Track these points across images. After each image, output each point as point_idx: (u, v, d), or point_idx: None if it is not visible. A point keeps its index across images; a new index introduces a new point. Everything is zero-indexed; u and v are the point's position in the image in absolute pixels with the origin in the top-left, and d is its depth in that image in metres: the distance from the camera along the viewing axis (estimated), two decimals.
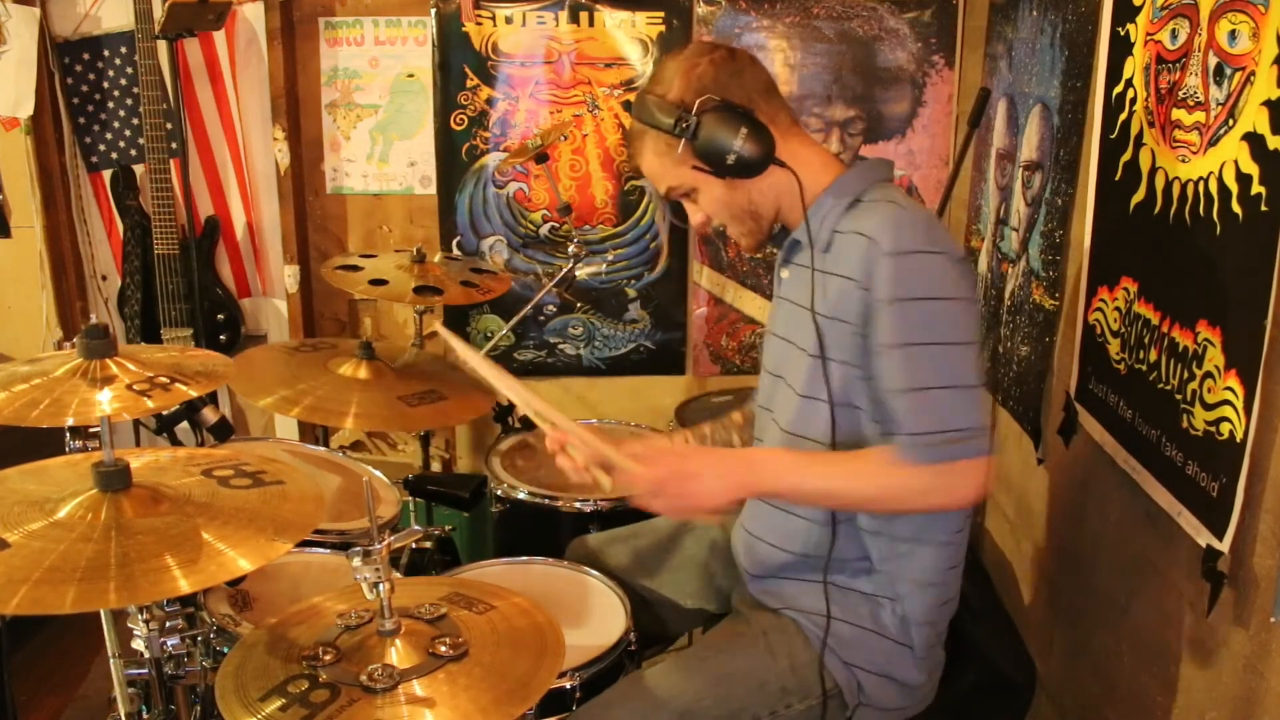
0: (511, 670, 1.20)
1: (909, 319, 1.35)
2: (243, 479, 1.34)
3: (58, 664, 2.52)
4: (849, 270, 1.40)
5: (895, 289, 1.34)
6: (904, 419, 1.35)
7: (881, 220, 1.39)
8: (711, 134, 1.41)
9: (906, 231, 1.37)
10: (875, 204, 1.44)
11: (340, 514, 2.07)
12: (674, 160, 1.47)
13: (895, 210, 1.40)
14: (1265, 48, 1.28)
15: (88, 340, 1.50)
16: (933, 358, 1.34)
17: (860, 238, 1.39)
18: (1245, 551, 1.34)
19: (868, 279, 1.37)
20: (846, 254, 1.42)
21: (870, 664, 1.50)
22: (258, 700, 1.14)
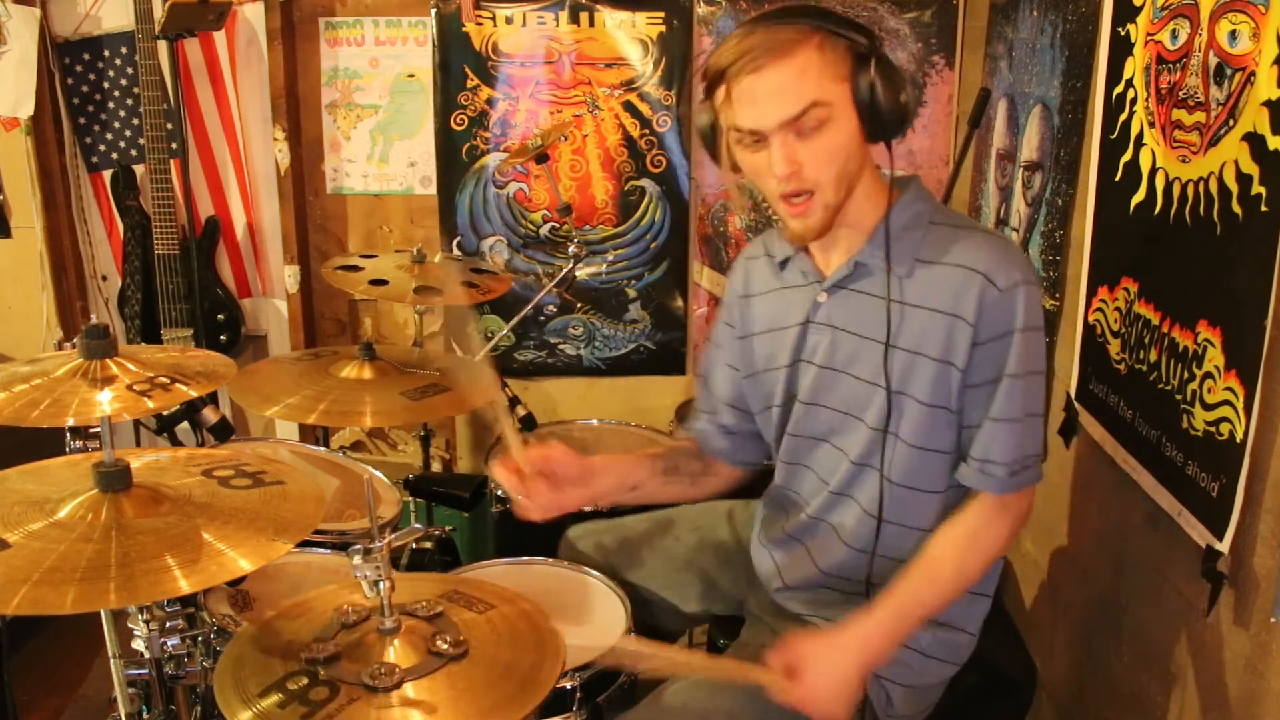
0: (511, 671, 1.20)
1: (1026, 349, 1.36)
2: (243, 479, 1.34)
3: (58, 664, 2.52)
4: (946, 305, 1.38)
5: (1015, 321, 1.35)
6: (993, 447, 1.39)
7: (989, 253, 1.37)
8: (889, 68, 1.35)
9: (1016, 265, 1.37)
10: (968, 233, 1.41)
11: (340, 514, 2.07)
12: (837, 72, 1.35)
13: (995, 241, 1.40)
14: (1265, 48, 1.28)
15: (88, 340, 1.50)
16: (1032, 387, 1.39)
17: (966, 272, 1.37)
18: (1245, 552, 1.34)
19: (975, 315, 1.35)
20: (944, 287, 1.38)
21: (902, 677, 1.49)
22: (257, 696, 1.14)
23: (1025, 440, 1.40)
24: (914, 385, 1.41)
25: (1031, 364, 1.38)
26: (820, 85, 1.34)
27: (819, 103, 1.34)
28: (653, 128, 2.86)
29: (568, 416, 2.82)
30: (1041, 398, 1.41)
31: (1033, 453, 1.41)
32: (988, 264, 1.36)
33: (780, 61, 1.34)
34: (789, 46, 1.34)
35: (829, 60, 1.35)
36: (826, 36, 1.35)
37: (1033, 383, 1.39)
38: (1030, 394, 1.39)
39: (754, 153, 1.39)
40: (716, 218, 2.94)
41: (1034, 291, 1.37)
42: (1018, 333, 1.36)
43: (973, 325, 1.36)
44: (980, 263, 1.36)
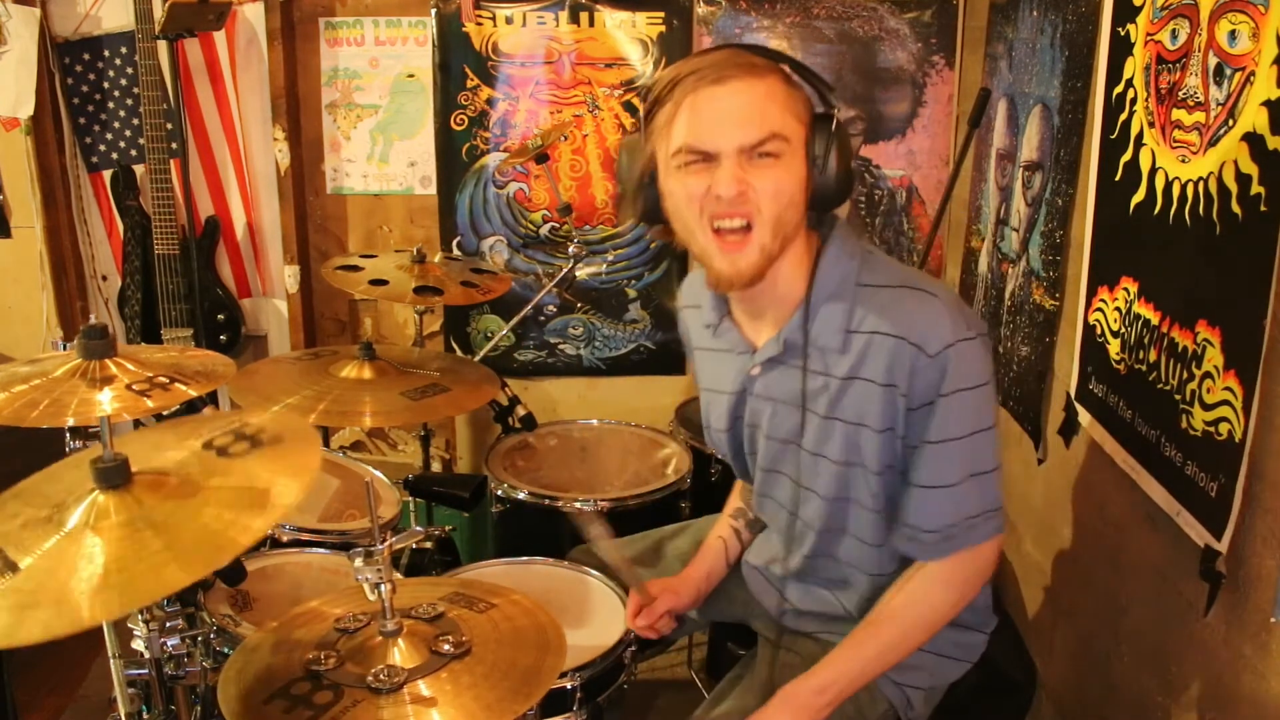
0: (514, 667, 1.20)
1: (951, 414, 1.31)
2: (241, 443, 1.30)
3: (58, 664, 2.52)
4: (879, 375, 1.32)
5: (941, 387, 1.30)
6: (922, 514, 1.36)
7: (915, 317, 1.30)
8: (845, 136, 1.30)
9: (945, 324, 1.29)
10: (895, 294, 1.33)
11: (340, 514, 2.07)
12: (797, 113, 1.28)
13: (922, 301, 1.31)
14: (1265, 48, 1.28)
15: (87, 340, 1.50)
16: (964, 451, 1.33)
17: (895, 341, 1.30)
18: (1244, 551, 1.34)
19: (910, 385, 1.30)
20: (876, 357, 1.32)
21: (921, 681, 1.51)
22: (262, 704, 1.14)
23: (964, 503, 1.34)
24: (865, 456, 1.36)
25: (968, 424, 1.32)
26: (784, 118, 1.26)
27: (779, 135, 1.26)
28: None
29: (568, 416, 2.82)
30: (987, 454, 1.35)
31: (975, 512, 1.36)
32: (919, 331, 1.29)
33: (748, 79, 1.25)
34: (757, 69, 1.27)
35: (793, 97, 1.29)
36: (788, 75, 1.30)
37: (973, 443, 1.33)
38: (967, 455, 1.33)
39: (691, 176, 1.28)
40: None
41: (967, 349, 1.30)
42: (943, 399, 1.30)
43: (906, 394, 1.31)
44: (911, 330, 1.29)
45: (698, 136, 1.26)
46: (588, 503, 2.12)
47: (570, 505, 2.13)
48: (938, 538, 1.36)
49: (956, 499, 1.35)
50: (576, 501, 2.13)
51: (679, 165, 1.28)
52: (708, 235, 1.30)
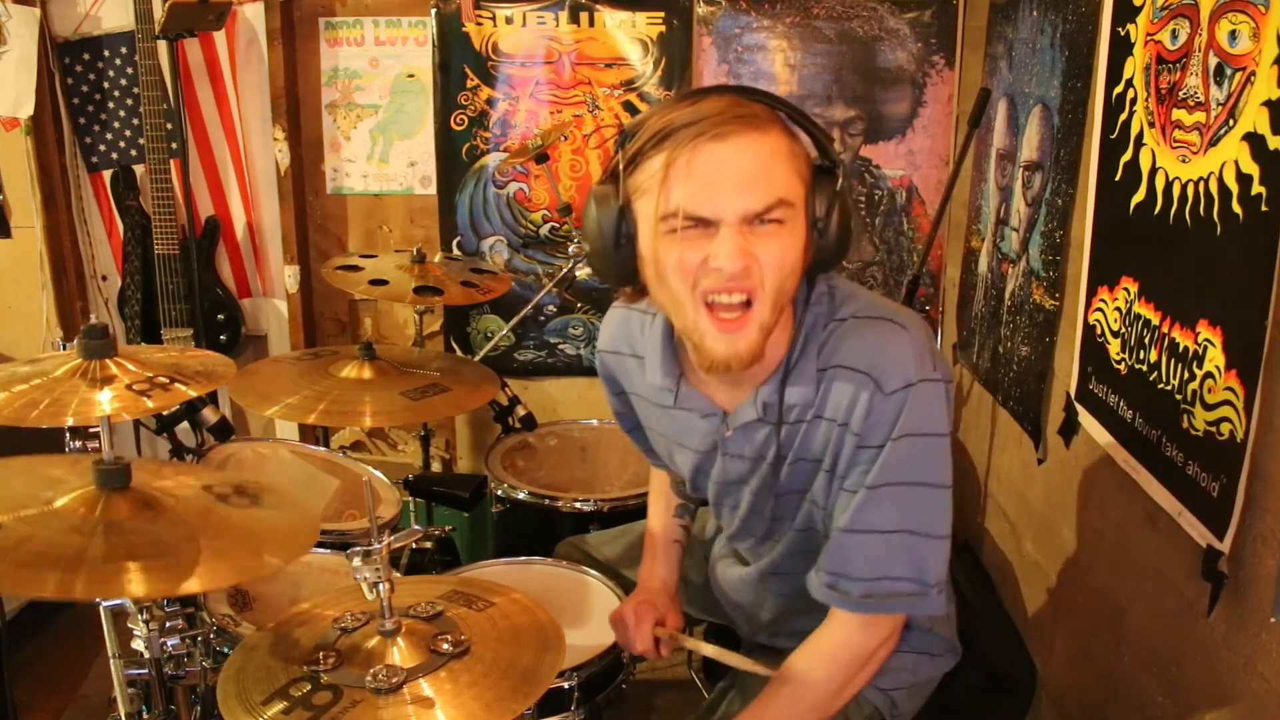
0: (514, 666, 1.20)
1: (896, 458, 1.20)
2: (242, 498, 1.33)
3: (58, 664, 2.52)
4: (836, 412, 1.23)
5: (894, 428, 1.20)
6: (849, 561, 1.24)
7: (878, 350, 1.21)
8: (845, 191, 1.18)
9: (909, 361, 1.20)
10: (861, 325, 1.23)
11: (340, 514, 2.07)
12: (800, 172, 1.16)
13: (890, 333, 1.22)
14: (1265, 48, 1.28)
15: (88, 340, 1.50)
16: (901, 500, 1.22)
17: (852, 374, 1.21)
18: (1245, 551, 1.34)
19: (864, 424, 1.21)
20: (834, 392, 1.23)
21: (902, 683, 1.49)
22: (260, 704, 1.14)
23: (893, 558, 1.23)
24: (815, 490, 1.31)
25: (912, 473, 1.21)
26: (789, 179, 1.14)
27: (785, 201, 1.13)
28: None
29: (567, 416, 2.82)
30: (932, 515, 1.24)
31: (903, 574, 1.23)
32: (879, 365, 1.20)
33: (752, 134, 1.11)
34: (759, 122, 1.13)
35: (795, 153, 1.16)
36: (789, 129, 1.16)
37: (913, 494, 1.22)
38: (905, 507, 1.22)
39: (687, 244, 1.13)
40: None
41: (928, 392, 1.20)
42: (892, 441, 1.20)
43: (858, 434, 1.22)
44: (871, 363, 1.20)
45: (695, 201, 1.11)
46: (587, 503, 2.12)
47: (570, 505, 2.13)
48: (861, 590, 1.24)
49: (885, 551, 1.23)
50: (576, 501, 2.13)
51: (669, 230, 1.14)
52: (700, 311, 1.17)
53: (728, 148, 1.11)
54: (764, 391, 1.27)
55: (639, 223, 1.18)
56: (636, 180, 1.16)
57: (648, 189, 1.15)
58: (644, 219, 1.17)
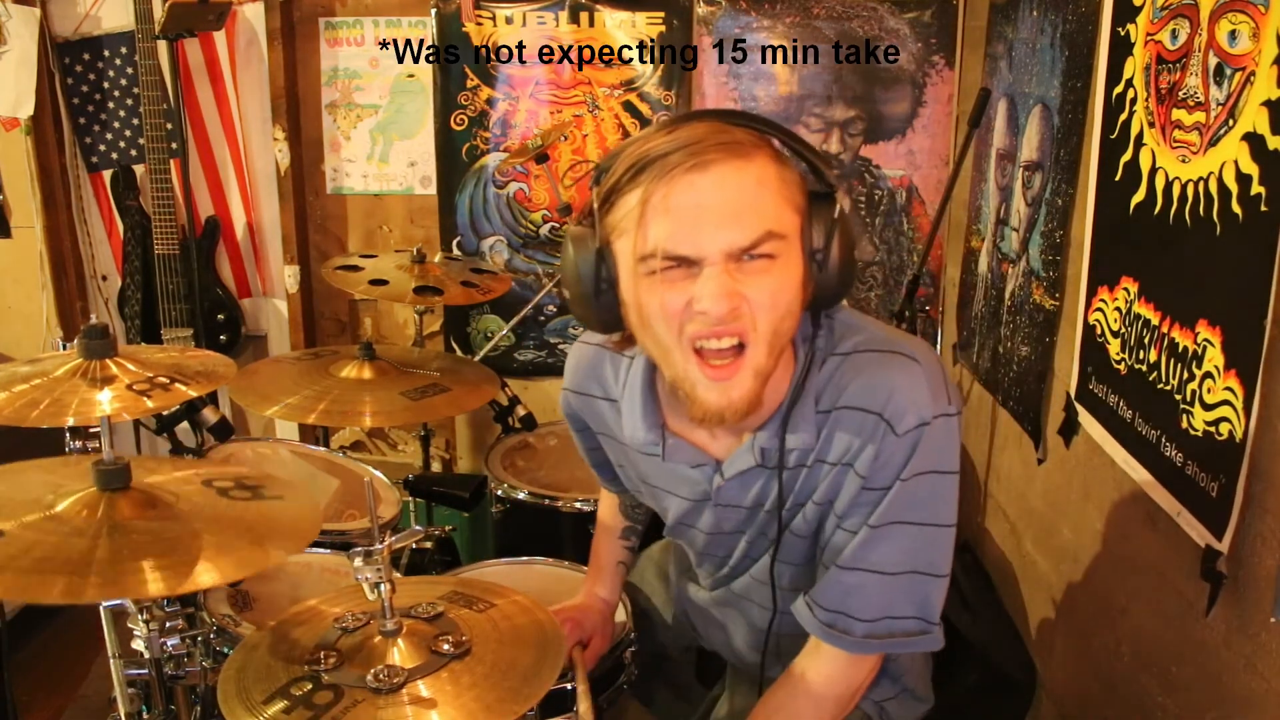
0: (514, 668, 1.20)
1: (906, 497, 1.14)
2: (243, 491, 1.33)
3: (58, 664, 2.52)
4: (839, 455, 1.16)
5: (906, 468, 1.13)
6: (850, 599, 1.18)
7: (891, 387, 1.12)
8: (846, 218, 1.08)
9: (924, 396, 1.12)
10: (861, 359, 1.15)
11: (340, 514, 2.07)
12: (793, 201, 1.07)
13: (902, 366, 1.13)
14: (1265, 48, 1.28)
15: (88, 340, 1.50)
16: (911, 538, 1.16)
17: (862, 416, 1.13)
18: (1245, 551, 1.34)
19: (872, 466, 1.13)
20: (839, 437, 1.15)
21: (890, 692, 1.48)
22: (261, 703, 1.14)
23: (898, 598, 1.17)
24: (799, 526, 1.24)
25: (925, 512, 1.15)
26: (779, 210, 1.04)
27: (775, 234, 1.03)
28: None
29: None
30: (939, 556, 1.18)
31: (905, 614, 1.17)
32: (891, 404, 1.11)
33: (734, 162, 1.02)
34: (742, 149, 1.03)
35: (785, 180, 1.06)
36: (781, 155, 1.07)
37: (925, 535, 1.15)
38: (918, 547, 1.16)
39: (668, 286, 1.04)
40: None
41: (943, 428, 1.12)
42: (903, 483, 1.13)
43: (864, 476, 1.14)
44: (882, 402, 1.12)
45: (675, 239, 1.02)
46: (587, 503, 2.12)
47: (570, 505, 2.13)
48: (864, 631, 1.18)
49: (891, 591, 1.17)
50: (576, 501, 2.13)
51: (649, 272, 1.05)
52: (689, 358, 1.07)
53: (708, 179, 1.01)
54: (761, 437, 1.18)
55: (619, 265, 1.08)
56: (613, 219, 1.07)
57: (625, 228, 1.06)
58: (623, 261, 1.07)
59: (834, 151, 2.85)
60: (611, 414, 1.33)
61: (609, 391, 1.32)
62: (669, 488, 1.32)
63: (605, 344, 1.29)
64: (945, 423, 1.13)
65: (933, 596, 1.19)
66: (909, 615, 1.18)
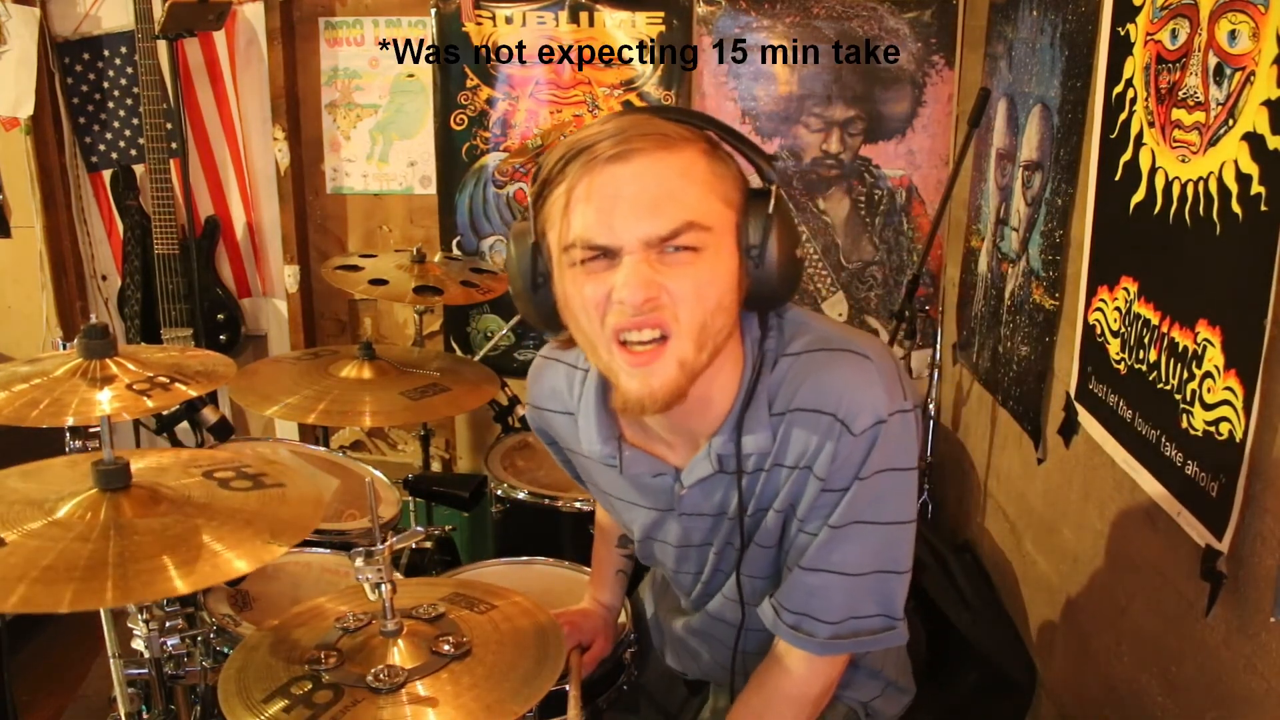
0: (515, 668, 1.20)
1: (863, 497, 1.13)
2: (243, 480, 1.34)
3: (58, 664, 2.52)
4: (794, 458, 1.15)
5: (862, 468, 1.12)
6: (812, 601, 1.18)
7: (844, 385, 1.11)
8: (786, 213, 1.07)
9: (879, 393, 1.11)
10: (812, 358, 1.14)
11: (340, 514, 2.07)
12: (724, 193, 1.06)
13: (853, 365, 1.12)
14: (1265, 48, 1.28)
15: (88, 340, 1.50)
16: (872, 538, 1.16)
17: (810, 416, 1.12)
18: (1245, 551, 1.34)
19: (826, 466, 1.12)
20: (795, 437, 1.14)
21: (874, 690, 1.49)
22: (261, 702, 1.14)
23: (863, 599, 1.18)
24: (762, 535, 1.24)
25: (887, 510, 1.15)
26: (704, 202, 1.03)
27: (696, 224, 1.02)
28: None
29: None
30: (901, 552, 1.18)
31: (871, 612, 1.18)
32: (845, 403, 1.10)
33: (656, 153, 1.01)
34: (668, 141, 1.03)
35: (717, 174, 1.05)
36: (712, 144, 1.06)
37: (888, 534, 1.16)
38: (881, 546, 1.16)
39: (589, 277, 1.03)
40: None
41: (899, 425, 1.12)
42: (861, 481, 1.12)
43: (823, 478, 1.13)
44: (836, 402, 1.11)
45: (594, 229, 1.01)
46: (587, 503, 2.12)
47: (570, 505, 2.13)
48: (830, 630, 1.18)
49: (855, 591, 1.17)
50: (576, 501, 2.13)
51: (572, 263, 1.04)
52: (612, 349, 1.06)
53: (628, 169, 1.01)
54: (717, 443, 1.17)
55: (552, 259, 1.08)
56: (545, 212, 1.06)
57: (554, 220, 1.05)
58: (554, 254, 1.07)
59: (834, 151, 2.85)
60: (569, 427, 1.31)
61: (565, 405, 1.31)
62: (632, 499, 1.31)
63: (556, 353, 1.30)
64: (902, 419, 1.12)
65: (896, 593, 1.20)
66: (873, 614, 1.19)
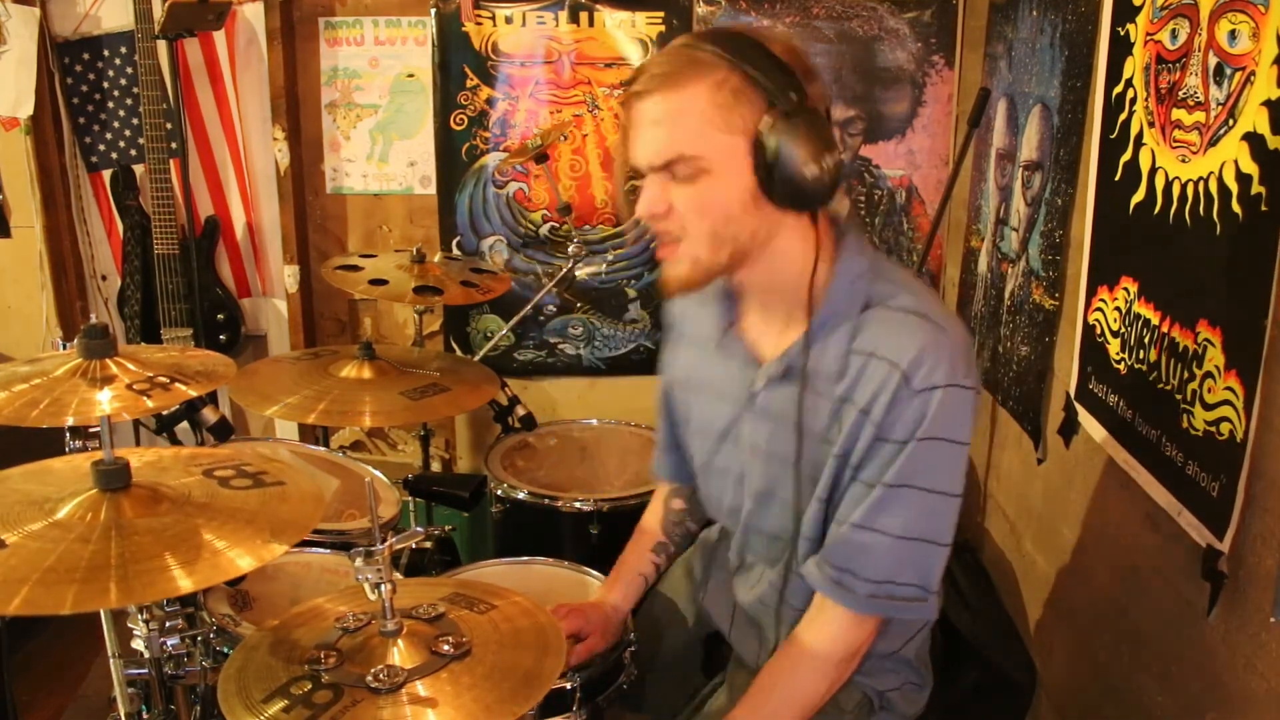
0: (514, 669, 1.20)
1: (916, 460, 1.21)
2: (243, 479, 1.34)
3: (58, 664, 2.52)
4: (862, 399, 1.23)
5: (915, 429, 1.20)
6: (856, 559, 1.26)
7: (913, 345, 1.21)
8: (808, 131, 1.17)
9: (943, 363, 1.20)
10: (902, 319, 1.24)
11: (340, 514, 2.07)
12: (728, 123, 1.18)
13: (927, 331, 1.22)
14: (1265, 48, 1.28)
15: (88, 340, 1.50)
16: (922, 505, 1.23)
17: (887, 366, 1.21)
18: (1245, 551, 1.34)
19: (886, 416, 1.21)
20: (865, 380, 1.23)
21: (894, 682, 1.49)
22: (260, 702, 1.14)
23: (904, 564, 1.25)
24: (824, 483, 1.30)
25: (935, 480, 1.23)
26: (700, 135, 1.18)
27: (686, 158, 1.18)
28: None
29: (567, 416, 2.82)
30: (944, 526, 1.26)
31: (910, 580, 1.25)
32: (912, 360, 1.20)
33: (665, 93, 1.18)
34: (682, 77, 1.18)
35: (722, 105, 1.17)
36: (734, 75, 1.17)
37: (933, 503, 1.23)
38: (925, 514, 1.23)
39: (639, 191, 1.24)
40: None
41: (957, 398, 1.20)
42: (917, 442, 1.21)
43: (877, 423, 1.22)
44: (901, 354, 1.21)
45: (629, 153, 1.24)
46: (587, 503, 2.12)
47: (570, 505, 2.13)
48: (868, 591, 1.25)
49: (898, 555, 1.24)
50: (576, 501, 2.13)
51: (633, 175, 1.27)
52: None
53: (641, 106, 1.20)
54: (790, 354, 1.30)
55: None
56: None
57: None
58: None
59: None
60: (694, 309, 1.46)
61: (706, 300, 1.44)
62: (718, 392, 1.41)
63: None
64: (959, 394, 1.20)
65: (934, 565, 1.27)
66: (910, 582, 1.26)
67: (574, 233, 2.68)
